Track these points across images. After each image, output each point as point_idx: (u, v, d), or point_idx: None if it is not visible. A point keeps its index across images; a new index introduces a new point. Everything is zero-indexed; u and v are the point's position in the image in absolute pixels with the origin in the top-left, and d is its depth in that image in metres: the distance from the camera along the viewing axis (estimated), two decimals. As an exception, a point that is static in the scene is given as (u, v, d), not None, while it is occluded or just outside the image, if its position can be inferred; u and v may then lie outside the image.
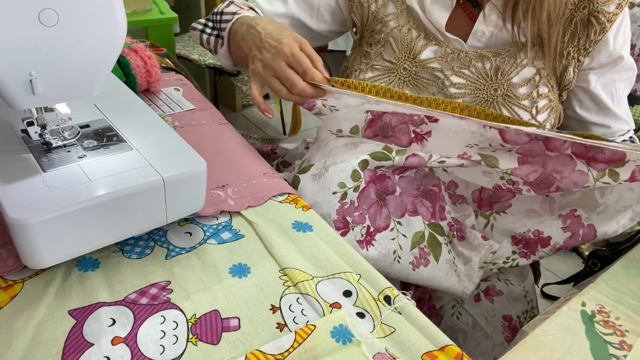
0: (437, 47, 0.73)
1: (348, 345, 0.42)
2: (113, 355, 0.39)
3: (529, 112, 0.71)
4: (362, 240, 0.63)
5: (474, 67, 0.71)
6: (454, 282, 0.65)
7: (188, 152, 0.52)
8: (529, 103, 0.71)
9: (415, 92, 0.75)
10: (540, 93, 0.71)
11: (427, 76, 0.73)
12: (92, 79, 0.44)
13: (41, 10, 0.37)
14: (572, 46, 0.70)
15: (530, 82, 0.70)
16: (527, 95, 0.70)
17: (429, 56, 0.73)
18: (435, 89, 0.73)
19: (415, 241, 0.64)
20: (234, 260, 0.51)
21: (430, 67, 0.73)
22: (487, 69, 0.71)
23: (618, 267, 0.53)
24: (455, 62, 0.72)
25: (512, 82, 0.70)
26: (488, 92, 0.71)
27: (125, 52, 0.78)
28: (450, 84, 0.72)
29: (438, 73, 0.72)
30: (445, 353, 0.42)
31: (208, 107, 0.81)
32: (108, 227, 0.46)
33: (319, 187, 0.64)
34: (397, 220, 0.65)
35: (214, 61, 1.91)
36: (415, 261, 0.63)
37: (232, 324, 0.43)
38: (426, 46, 0.73)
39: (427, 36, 0.73)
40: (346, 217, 0.64)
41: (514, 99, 0.70)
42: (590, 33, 0.69)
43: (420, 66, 0.73)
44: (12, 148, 0.49)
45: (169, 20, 1.46)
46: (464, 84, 0.72)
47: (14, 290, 0.44)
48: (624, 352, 0.43)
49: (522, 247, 0.71)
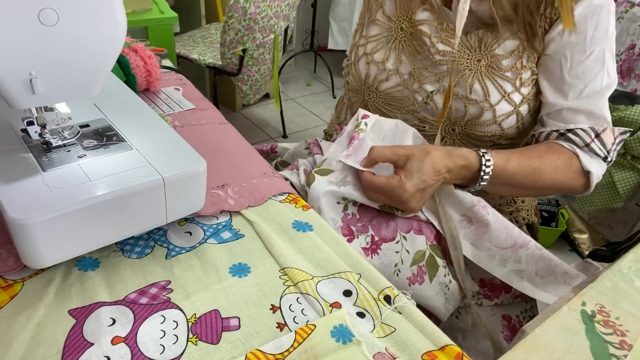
0: (429, 13, 0.74)
1: (348, 345, 0.42)
2: (113, 355, 0.39)
3: (512, 84, 0.70)
4: (367, 247, 0.64)
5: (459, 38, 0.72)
6: (441, 304, 0.66)
7: (188, 151, 0.52)
8: (512, 75, 0.70)
9: (409, 57, 0.75)
10: (524, 65, 0.70)
11: (418, 42, 0.74)
12: (92, 78, 0.44)
13: (41, 10, 0.37)
14: (538, 15, 0.69)
15: (514, 54, 0.70)
16: (510, 66, 0.70)
17: (421, 17, 0.74)
18: (424, 56, 0.74)
19: (416, 259, 0.65)
20: (234, 260, 0.51)
21: (421, 31, 0.74)
22: (470, 41, 0.71)
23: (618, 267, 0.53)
24: (444, 31, 0.73)
25: (495, 53, 0.70)
26: (472, 62, 0.71)
27: (125, 52, 0.78)
28: (436, 51, 0.72)
29: (426, 38, 0.73)
30: (445, 353, 0.42)
31: (208, 107, 0.81)
32: (108, 227, 0.46)
33: (330, 194, 0.64)
34: (403, 234, 0.65)
35: (214, 61, 1.91)
36: (412, 277, 0.64)
37: (232, 324, 0.43)
38: (420, 8, 0.74)
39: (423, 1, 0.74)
40: (350, 226, 0.64)
41: (497, 71, 0.70)
42: (555, 1, 0.67)
43: (413, 27, 0.74)
44: (12, 148, 0.49)
45: (169, 20, 1.46)
46: (448, 52, 0.72)
47: (14, 290, 0.44)
48: (624, 352, 0.43)
49: (487, 290, 0.73)
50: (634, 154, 1.47)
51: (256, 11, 1.67)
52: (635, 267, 0.54)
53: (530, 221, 0.85)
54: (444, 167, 0.64)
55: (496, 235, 0.66)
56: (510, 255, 0.66)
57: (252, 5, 1.65)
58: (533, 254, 0.66)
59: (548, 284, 0.66)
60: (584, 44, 0.68)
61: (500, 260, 0.67)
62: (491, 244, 0.66)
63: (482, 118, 0.72)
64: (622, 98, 1.59)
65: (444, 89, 0.73)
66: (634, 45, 1.66)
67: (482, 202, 0.66)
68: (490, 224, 0.66)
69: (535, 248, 0.66)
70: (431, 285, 0.65)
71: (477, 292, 0.73)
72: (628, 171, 1.51)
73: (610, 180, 1.55)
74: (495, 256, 0.67)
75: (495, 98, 0.71)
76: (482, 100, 0.71)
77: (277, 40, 1.90)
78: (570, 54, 0.69)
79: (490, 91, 0.70)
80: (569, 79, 0.69)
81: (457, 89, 0.72)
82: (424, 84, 0.74)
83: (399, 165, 0.64)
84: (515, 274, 0.67)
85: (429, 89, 0.74)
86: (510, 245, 0.66)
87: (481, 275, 0.73)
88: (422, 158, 0.63)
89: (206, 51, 2.00)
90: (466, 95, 0.71)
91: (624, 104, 1.52)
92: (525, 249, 0.66)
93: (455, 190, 0.67)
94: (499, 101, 0.71)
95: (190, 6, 2.34)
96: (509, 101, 0.71)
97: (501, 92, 0.70)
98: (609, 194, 1.57)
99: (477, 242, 0.67)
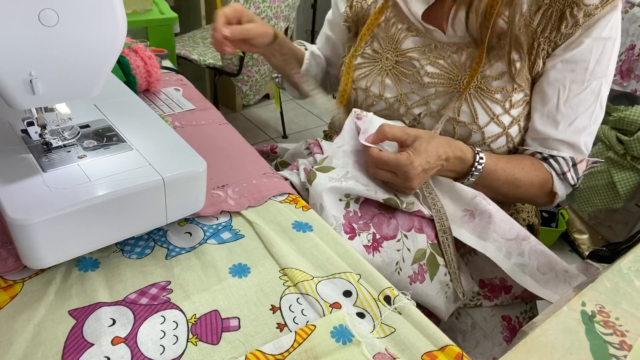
0: (417, 38, 0.75)
1: (348, 345, 0.42)
2: (113, 355, 0.39)
3: (501, 106, 0.70)
4: (369, 245, 0.64)
5: (450, 58, 0.72)
6: (442, 303, 0.66)
7: (188, 152, 0.52)
8: (502, 97, 0.70)
9: (395, 81, 0.76)
10: (515, 87, 0.70)
11: (405, 66, 0.75)
12: (92, 79, 0.44)
13: (41, 10, 0.37)
14: (544, 38, 0.68)
15: (504, 76, 0.69)
16: (500, 88, 0.69)
17: (408, 46, 0.75)
18: (412, 79, 0.74)
19: (417, 257, 0.65)
20: (234, 260, 0.51)
21: (409, 57, 0.74)
22: (462, 60, 0.71)
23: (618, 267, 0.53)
24: (433, 53, 0.73)
25: (484, 74, 0.70)
26: (460, 83, 0.71)
27: (125, 52, 0.78)
28: (424, 73, 0.73)
29: (415, 62, 0.74)
30: (445, 353, 0.42)
31: (208, 107, 0.81)
32: (108, 227, 0.46)
33: (332, 190, 0.64)
34: (404, 232, 0.66)
35: (214, 61, 1.91)
36: (414, 276, 0.64)
37: (232, 324, 0.43)
38: (407, 37, 0.75)
39: (409, 27, 0.76)
40: (352, 223, 0.64)
41: (487, 92, 0.70)
42: (562, 26, 0.67)
43: (401, 55, 0.75)
44: (12, 148, 0.49)
45: (169, 20, 1.46)
46: (437, 74, 0.72)
47: (14, 290, 0.44)
48: (624, 352, 0.43)
49: (487, 290, 0.74)
50: (634, 155, 1.47)
51: (256, 12, 1.67)
52: (635, 267, 0.54)
53: (530, 222, 0.85)
54: (444, 153, 0.65)
55: (500, 226, 0.66)
56: (515, 247, 0.67)
57: (252, 6, 1.65)
58: (535, 248, 0.67)
59: (548, 281, 0.67)
60: (584, 76, 0.68)
61: (506, 253, 0.67)
62: (497, 235, 0.66)
63: (471, 139, 0.72)
64: (622, 98, 1.59)
65: (431, 111, 0.74)
66: (633, 45, 1.65)
67: (481, 194, 0.67)
68: (493, 214, 0.66)
69: (536, 243, 0.67)
70: (432, 283, 0.65)
71: (477, 293, 0.73)
72: (628, 171, 1.51)
73: (610, 181, 1.55)
74: (502, 248, 0.67)
75: (484, 120, 0.70)
76: (470, 122, 0.71)
77: (277, 41, 1.90)
78: (570, 84, 0.69)
79: (479, 113, 0.70)
80: (563, 109, 0.70)
81: (445, 110, 0.72)
82: (411, 108, 0.75)
83: (407, 144, 0.64)
84: (519, 268, 0.67)
85: (416, 112, 0.75)
86: (514, 237, 0.66)
87: (481, 276, 0.73)
88: (428, 140, 0.64)
89: (206, 52, 2.00)
90: (454, 117, 0.71)
91: (624, 104, 1.52)
92: (527, 241, 0.66)
93: (455, 183, 0.67)
94: (487, 123, 0.71)
95: (190, 7, 2.34)
96: (497, 123, 0.71)
97: (490, 114, 0.70)
98: (609, 194, 1.57)
99: (483, 234, 0.67)
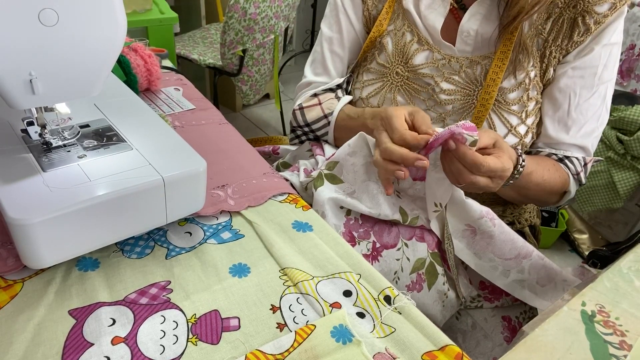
0: (428, 52, 0.73)
1: (348, 345, 0.42)
2: (113, 355, 0.39)
3: (518, 117, 0.71)
4: (368, 254, 0.64)
5: (464, 73, 0.72)
6: (438, 311, 0.66)
7: (188, 152, 0.52)
8: (519, 108, 0.71)
9: (407, 98, 0.75)
10: (530, 97, 0.71)
11: (419, 83, 0.74)
12: (92, 78, 0.44)
13: (41, 10, 0.37)
14: (555, 46, 0.69)
15: (521, 86, 0.70)
16: (517, 100, 0.70)
17: (421, 62, 0.74)
18: (426, 96, 0.74)
19: (416, 267, 0.65)
20: (234, 260, 0.51)
21: (422, 74, 0.73)
22: (476, 74, 0.71)
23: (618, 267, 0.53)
24: (446, 69, 0.72)
25: (502, 86, 0.70)
26: (478, 97, 0.71)
27: (125, 52, 0.78)
28: (440, 90, 0.72)
29: (428, 79, 0.73)
30: (445, 353, 0.42)
31: (208, 107, 0.81)
32: (108, 227, 0.46)
33: (334, 200, 0.65)
34: (405, 241, 0.65)
35: (214, 61, 1.91)
36: (411, 285, 0.64)
37: (232, 324, 0.43)
38: (418, 51, 0.74)
39: (420, 40, 0.74)
40: (352, 232, 0.64)
41: (504, 105, 0.70)
42: (574, 34, 0.68)
43: (412, 71, 0.74)
44: (12, 148, 0.49)
45: (169, 20, 1.46)
46: (453, 90, 0.72)
47: (14, 290, 0.44)
48: (624, 352, 0.43)
49: (487, 292, 0.73)
50: (634, 154, 1.47)
51: (256, 11, 1.67)
52: (635, 267, 0.54)
53: (532, 223, 0.85)
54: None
55: (500, 247, 0.65)
56: (514, 266, 0.66)
57: (252, 6, 1.65)
58: (535, 264, 0.66)
59: (547, 291, 0.66)
60: (593, 81, 0.70)
61: (503, 271, 0.66)
62: (494, 255, 0.66)
63: None
64: (622, 98, 1.59)
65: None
66: (634, 45, 1.66)
67: (490, 214, 0.65)
68: (495, 236, 0.65)
69: (537, 258, 0.66)
70: (429, 293, 0.65)
71: (477, 295, 0.73)
72: (628, 171, 1.51)
73: (610, 181, 1.55)
74: (498, 267, 0.66)
75: (502, 132, 0.71)
76: None
77: (277, 41, 1.90)
78: (580, 90, 0.70)
79: (497, 126, 0.71)
80: (574, 114, 0.71)
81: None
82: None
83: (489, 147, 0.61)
84: (518, 284, 0.67)
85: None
86: (514, 257, 0.66)
87: (481, 278, 0.73)
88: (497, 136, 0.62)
89: (206, 51, 2.00)
90: None
91: (624, 104, 1.52)
92: (528, 259, 0.66)
93: (465, 200, 0.65)
94: (505, 135, 0.71)
95: (190, 6, 2.34)
96: (515, 134, 0.71)
97: (507, 126, 0.71)
98: (609, 194, 1.57)
99: (479, 252, 0.67)
